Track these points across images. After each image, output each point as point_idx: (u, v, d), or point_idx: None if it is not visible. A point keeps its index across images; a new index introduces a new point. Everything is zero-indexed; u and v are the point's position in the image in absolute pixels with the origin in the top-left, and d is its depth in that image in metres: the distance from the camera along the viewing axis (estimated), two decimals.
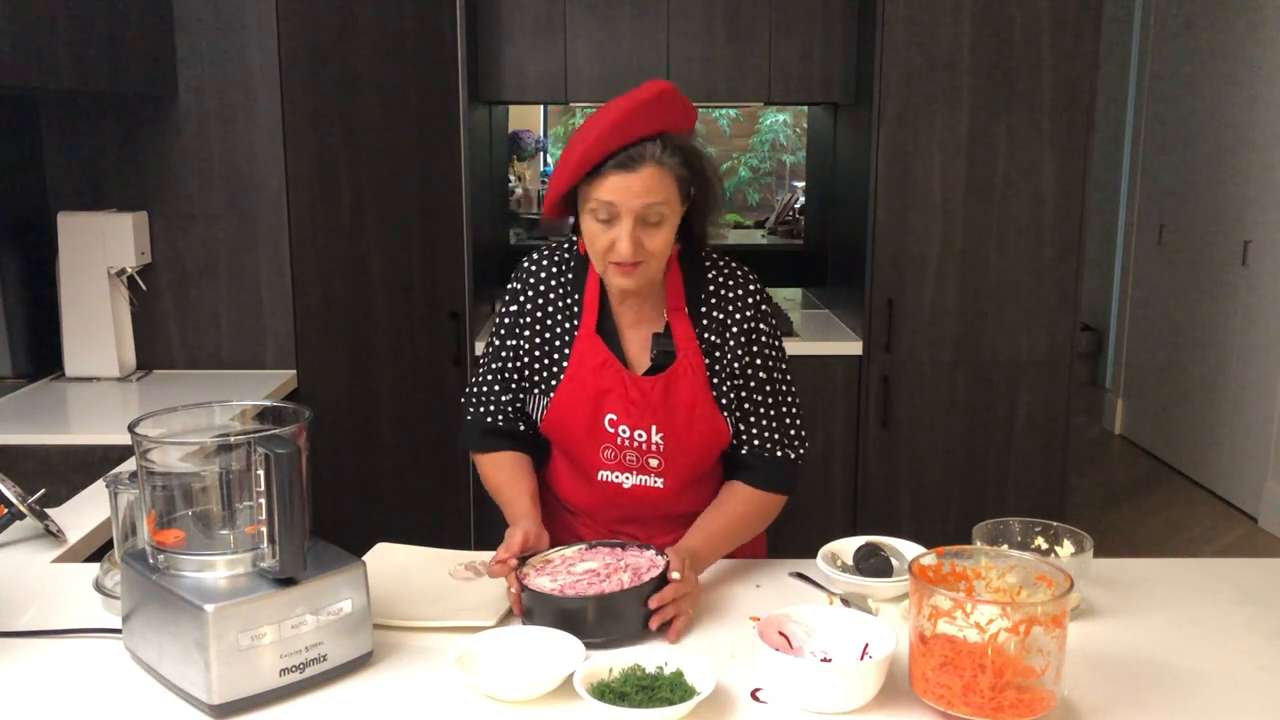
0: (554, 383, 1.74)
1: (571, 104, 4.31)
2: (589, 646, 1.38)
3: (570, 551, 1.61)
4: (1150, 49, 5.51)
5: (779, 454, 1.76)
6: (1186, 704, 1.33)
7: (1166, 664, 1.43)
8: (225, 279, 3.09)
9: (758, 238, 5.90)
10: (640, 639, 1.47)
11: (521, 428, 1.82)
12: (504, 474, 1.77)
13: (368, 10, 3.05)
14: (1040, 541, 1.62)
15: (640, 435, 1.71)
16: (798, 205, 5.77)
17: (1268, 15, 4.47)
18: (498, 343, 1.81)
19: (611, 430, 1.72)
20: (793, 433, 1.78)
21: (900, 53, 3.20)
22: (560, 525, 1.84)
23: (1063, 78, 3.20)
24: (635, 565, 1.55)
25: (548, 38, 3.45)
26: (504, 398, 1.80)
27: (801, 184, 5.80)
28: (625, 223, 1.58)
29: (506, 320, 1.79)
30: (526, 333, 1.76)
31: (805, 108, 4.73)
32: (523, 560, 1.56)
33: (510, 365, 1.79)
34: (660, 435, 1.71)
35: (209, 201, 3.05)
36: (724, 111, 6.85)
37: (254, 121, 3.02)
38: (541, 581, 1.51)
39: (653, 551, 1.59)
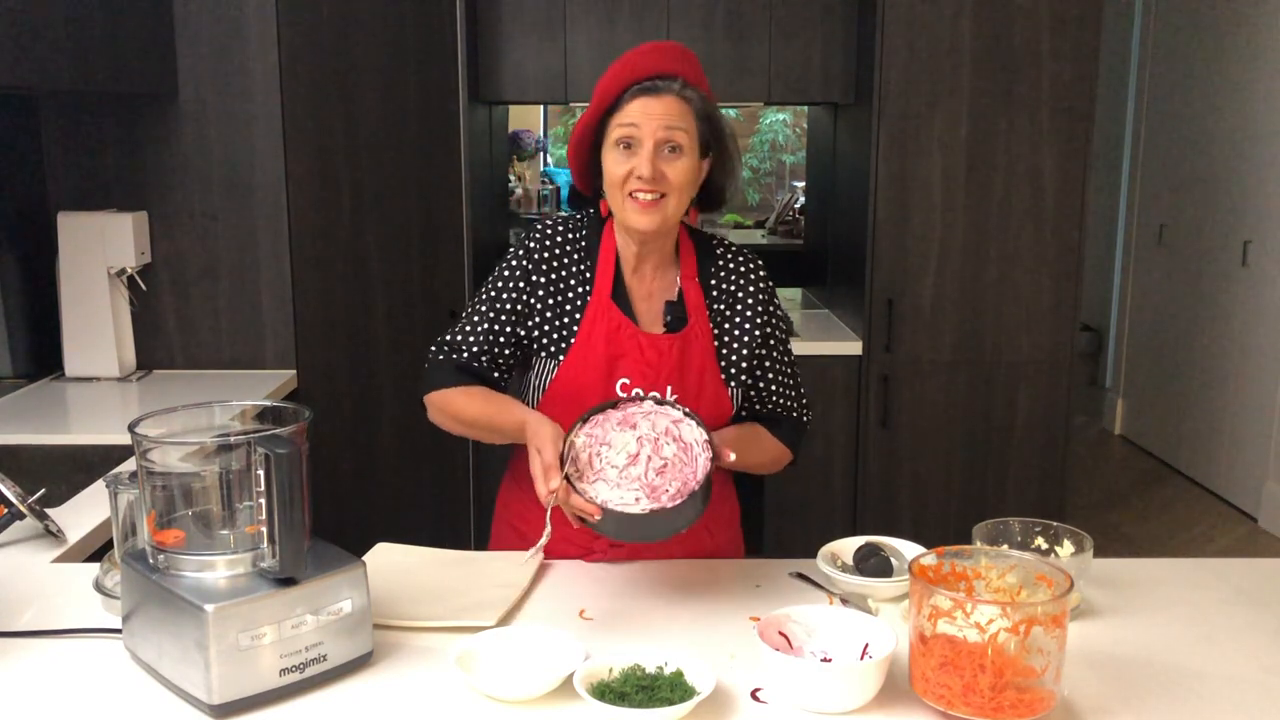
0: (564, 346, 1.73)
1: (571, 104, 4.31)
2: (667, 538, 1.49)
3: (581, 445, 1.54)
4: (1150, 49, 5.51)
5: (794, 415, 1.86)
6: (1186, 704, 1.33)
7: (1166, 664, 1.42)
8: (225, 279, 3.08)
9: (758, 238, 5.90)
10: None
11: (495, 375, 1.76)
12: (481, 396, 1.71)
13: (368, 10, 3.05)
14: (1040, 541, 1.62)
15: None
16: (798, 205, 5.77)
17: (1267, 15, 4.47)
18: (493, 293, 1.75)
19: (623, 395, 1.72)
20: (804, 401, 1.88)
21: (900, 53, 3.20)
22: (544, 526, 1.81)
23: (1063, 78, 3.20)
24: (664, 432, 1.54)
25: (548, 38, 3.45)
26: (483, 354, 1.74)
27: (801, 184, 5.80)
28: (646, 146, 1.63)
29: (506, 272, 1.75)
30: (540, 292, 1.74)
31: (805, 108, 4.74)
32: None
33: (505, 318, 1.74)
34: (674, 397, 1.72)
35: (209, 201, 3.04)
36: (724, 111, 6.85)
37: (254, 121, 3.02)
38: (610, 495, 1.48)
39: (652, 403, 1.57)
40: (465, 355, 1.76)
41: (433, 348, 1.81)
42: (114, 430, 2.38)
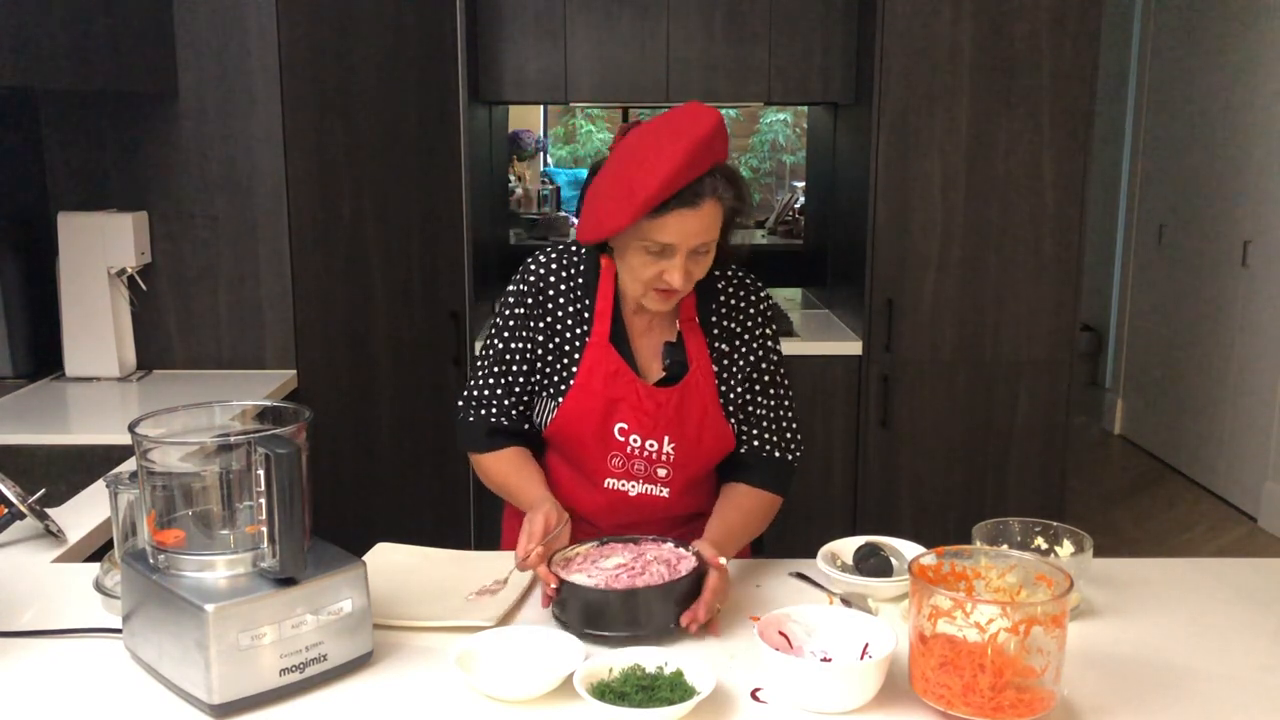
0: (563, 388, 1.73)
1: (571, 104, 4.31)
2: (621, 642, 1.39)
3: (587, 548, 1.60)
4: (1150, 49, 5.51)
5: (777, 455, 1.78)
6: (1186, 704, 1.33)
7: (1166, 664, 1.43)
8: (225, 279, 3.08)
9: (758, 238, 5.90)
10: (674, 634, 1.46)
11: (525, 428, 1.79)
12: (509, 465, 1.75)
13: (368, 10, 3.05)
14: (1040, 541, 1.62)
15: (651, 445, 1.71)
16: (798, 205, 5.77)
17: (1267, 15, 4.47)
18: (500, 344, 1.77)
19: (621, 439, 1.71)
20: (789, 436, 1.80)
21: (900, 53, 3.20)
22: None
23: (1063, 78, 3.20)
24: (663, 558, 1.54)
25: (548, 38, 3.45)
26: (507, 401, 1.77)
27: (801, 184, 5.80)
28: (679, 257, 1.58)
29: (512, 322, 1.76)
30: (539, 337, 1.74)
31: (805, 108, 4.74)
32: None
33: (515, 368, 1.76)
34: (672, 445, 1.71)
35: (209, 201, 3.05)
36: (724, 111, 6.85)
37: (254, 121, 3.02)
38: (577, 577, 1.50)
39: (671, 544, 1.59)
40: (494, 412, 1.76)
41: (460, 402, 1.81)
42: (114, 430, 2.38)
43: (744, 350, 1.76)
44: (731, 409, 1.76)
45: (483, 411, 1.78)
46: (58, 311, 2.91)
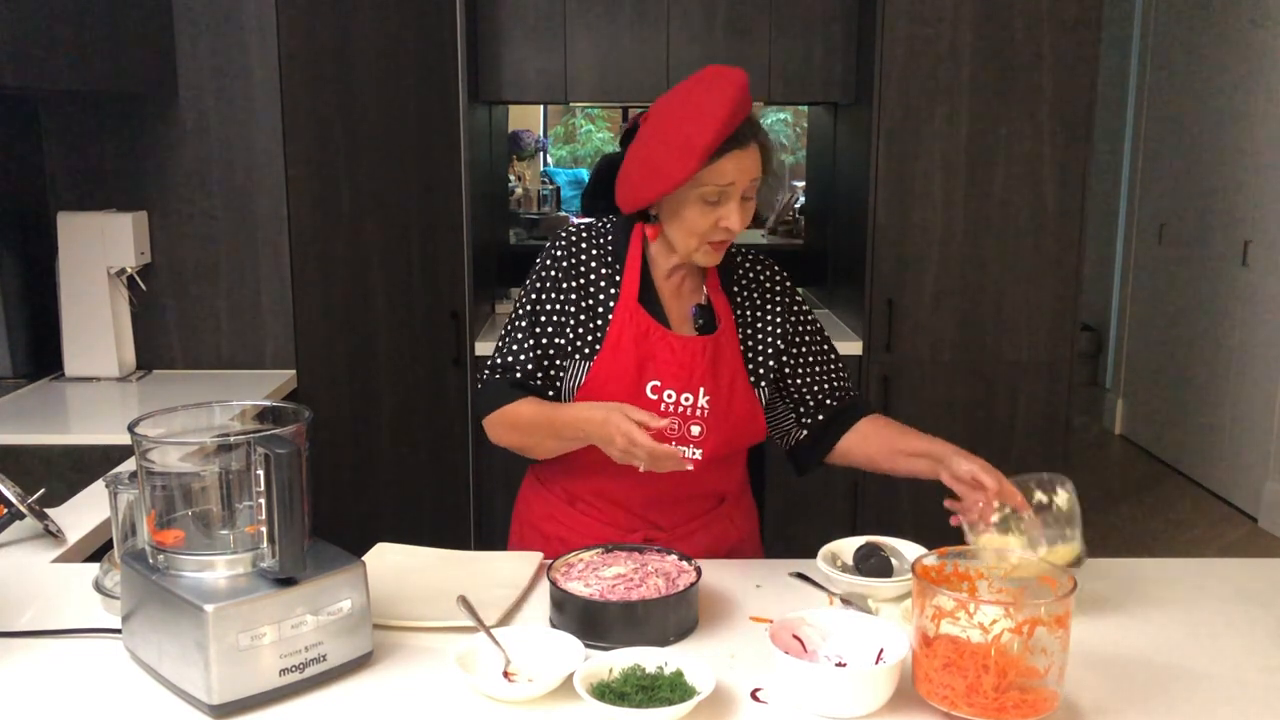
0: (596, 348, 1.73)
1: (571, 104, 4.31)
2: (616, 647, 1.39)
3: (590, 555, 1.60)
4: (1150, 48, 5.51)
5: (855, 393, 1.91)
6: (1186, 704, 1.33)
7: (1166, 664, 1.42)
8: (225, 279, 3.08)
9: (758, 238, 5.90)
10: (669, 646, 1.45)
11: (550, 394, 1.76)
12: (536, 405, 1.72)
13: (368, 10, 3.05)
14: (1040, 496, 1.65)
15: (687, 399, 1.72)
16: (798, 205, 5.77)
17: (1268, 16, 4.47)
18: (531, 306, 1.76)
19: (654, 397, 1.72)
20: (848, 380, 1.92)
21: (900, 53, 3.20)
22: (575, 526, 1.82)
23: (1063, 78, 3.20)
24: (664, 570, 1.54)
25: (548, 38, 3.44)
26: (532, 363, 1.74)
27: (801, 184, 5.80)
28: (735, 199, 1.65)
29: (546, 284, 1.76)
30: (573, 295, 1.75)
31: (805, 108, 4.73)
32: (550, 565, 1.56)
33: (545, 328, 1.75)
34: (707, 398, 1.73)
35: (209, 201, 3.04)
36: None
37: (254, 121, 3.02)
38: (575, 586, 1.50)
39: (675, 556, 1.59)
40: (519, 375, 1.76)
41: (485, 371, 1.80)
42: (114, 430, 2.38)
43: (774, 315, 1.82)
44: (761, 373, 1.79)
45: (508, 375, 1.76)
46: (57, 311, 2.91)
